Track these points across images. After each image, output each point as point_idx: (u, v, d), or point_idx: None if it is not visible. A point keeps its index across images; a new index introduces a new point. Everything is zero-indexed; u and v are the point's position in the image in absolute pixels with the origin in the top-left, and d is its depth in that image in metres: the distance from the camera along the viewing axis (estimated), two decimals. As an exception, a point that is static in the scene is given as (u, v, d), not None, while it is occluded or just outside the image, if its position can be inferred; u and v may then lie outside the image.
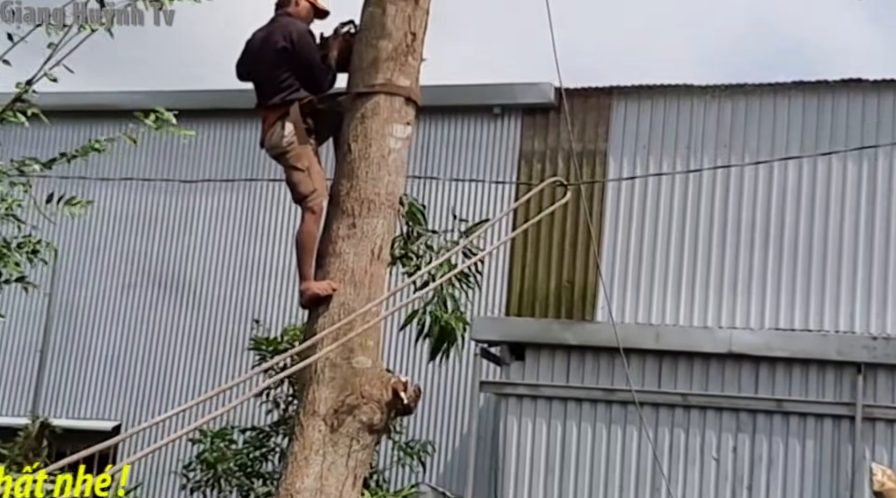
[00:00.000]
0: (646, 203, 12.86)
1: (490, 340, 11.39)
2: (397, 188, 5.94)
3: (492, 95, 13.37)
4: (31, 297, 14.82)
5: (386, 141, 5.88)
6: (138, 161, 14.76)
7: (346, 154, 5.89)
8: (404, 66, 5.97)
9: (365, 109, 5.89)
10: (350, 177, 5.85)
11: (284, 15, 6.33)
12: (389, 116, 5.90)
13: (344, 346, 5.67)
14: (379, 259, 5.83)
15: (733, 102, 12.79)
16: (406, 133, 5.97)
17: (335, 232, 5.82)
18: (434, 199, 12.71)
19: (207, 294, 14.25)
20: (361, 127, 5.88)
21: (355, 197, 5.81)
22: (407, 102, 5.95)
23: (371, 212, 5.81)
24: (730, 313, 12.36)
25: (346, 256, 5.78)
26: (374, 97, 5.88)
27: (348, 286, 5.73)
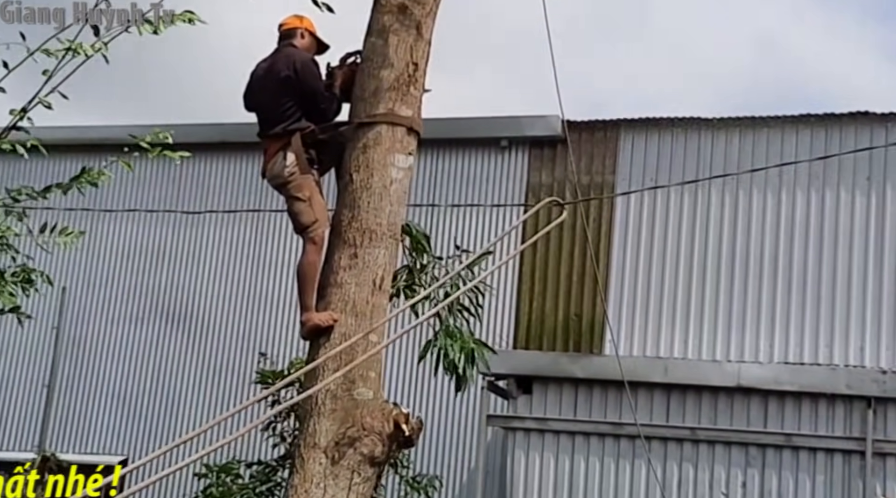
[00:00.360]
0: (653, 235, 12.82)
1: (497, 373, 11.30)
2: (399, 218, 5.92)
3: (499, 128, 13.38)
4: (38, 331, 14.93)
5: (388, 171, 5.87)
6: (146, 195, 14.80)
7: (347, 184, 5.88)
8: (406, 96, 5.96)
9: (367, 139, 5.88)
10: (352, 207, 5.83)
11: (288, 46, 6.34)
12: (391, 146, 5.89)
13: (345, 377, 5.64)
14: (381, 289, 5.80)
15: (741, 135, 12.77)
16: (408, 163, 5.96)
17: (336, 262, 5.80)
18: (441, 230, 12.68)
19: (215, 327, 14.22)
20: (363, 157, 5.87)
21: (357, 227, 5.79)
22: (409, 132, 5.94)
23: (373, 242, 5.79)
24: (738, 347, 12.28)
25: (347, 286, 5.76)
26: (376, 127, 5.88)
27: (350, 317, 5.70)
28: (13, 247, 6.41)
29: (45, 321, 14.92)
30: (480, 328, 12.69)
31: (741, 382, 10.70)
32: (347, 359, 5.64)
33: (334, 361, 5.66)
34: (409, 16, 6.02)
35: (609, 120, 13.14)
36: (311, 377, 5.72)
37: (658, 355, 12.28)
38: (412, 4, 6.03)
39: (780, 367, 11.47)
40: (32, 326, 14.96)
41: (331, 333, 5.67)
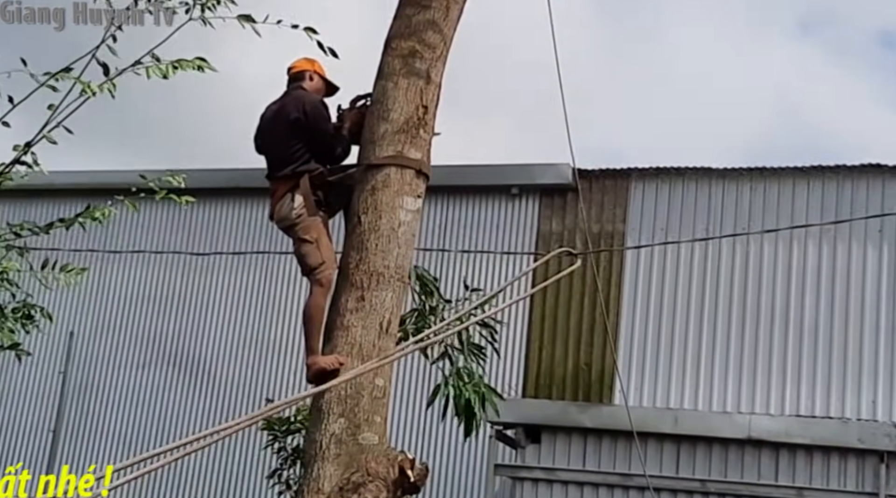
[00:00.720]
0: (664, 285, 12.75)
1: (505, 422, 11.19)
2: (407, 261, 5.89)
3: (510, 175, 13.36)
4: (45, 375, 14.88)
5: (396, 213, 5.85)
6: (154, 239, 14.80)
7: (355, 226, 5.86)
8: (415, 138, 5.95)
9: (375, 181, 5.86)
10: (359, 249, 5.80)
11: (298, 88, 6.35)
12: (400, 189, 5.87)
13: (350, 421, 5.57)
14: (388, 333, 5.75)
15: (752, 186, 12.73)
16: (416, 206, 5.93)
17: (343, 305, 5.76)
18: (451, 276, 12.61)
19: (221, 372, 14.14)
20: (372, 199, 5.85)
21: (364, 269, 5.76)
22: (418, 175, 5.93)
23: (380, 285, 5.75)
24: (749, 398, 12.15)
25: (354, 329, 5.71)
26: (385, 169, 5.87)
27: (356, 360, 5.65)
28: (14, 283, 6.35)
29: (51, 365, 14.88)
30: (490, 376, 12.65)
31: (752, 435, 10.57)
32: (353, 402, 5.59)
33: (339, 405, 5.61)
34: (420, 59, 6.03)
35: (620, 169, 13.11)
36: (316, 422, 5.66)
37: (668, 406, 12.17)
38: (422, 48, 6.04)
39: (791, 419, 11.35)
40: (39, 369, 14.95)
41: (337, 376, 5.62)
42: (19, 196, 14.61)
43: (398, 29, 6.12)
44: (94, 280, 14.93)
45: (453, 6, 6.19)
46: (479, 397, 6.70)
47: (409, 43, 6.05)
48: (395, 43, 6.08)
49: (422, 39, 6.05)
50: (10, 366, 15.00)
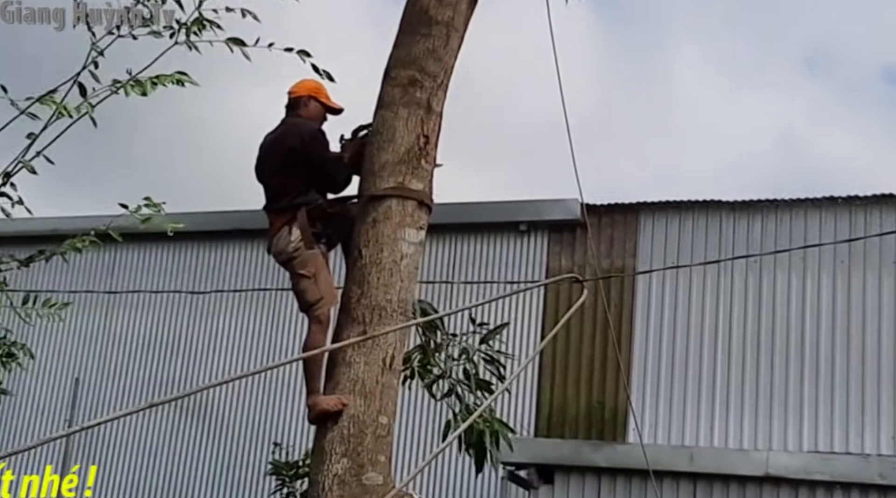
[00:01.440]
0: (676, 320, 12.54)
1: (517, 462, 10.98)
2: (410, 295, 5.72)
3: (518, 212, 13.22)
4: (50, 422, 14.69)
5: (398, 246, 5.68)
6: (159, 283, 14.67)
7: (356, 260, 5.69)
8: (417, 169, 5.80)
9: (376, 214, 5.71)
10: (361, 283, 5.64)
11: (295, 116, 6.20)
12: (401, 221, 5.71)
13: (353, 461, 5.39)
14: (391, 369, 5.57)
15: (763, 218, 12.55)
16: (419, 238, 5.77)
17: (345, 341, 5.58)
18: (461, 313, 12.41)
19: (228, 417, 13.95)
20: (373, 231, 5.69)
21: (366, 304, 5.59)
22: (420, 206, 5.76)
23: (382, 319, 5.57)
24: (766, 434, 11.90)
25: (356, 365, 5.53)
26: (386, 201, 5.71)
27: (358, 398, 5.46)
28: None
29: (57, 412, 14.71)
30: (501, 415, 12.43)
31: (770, 472, 10.33)
32: (355, 442, 5.41)
33: (342, 444, 5.42)
34: (420, 89, 5.89)
35: (628, 203, 12.95)
36: (319, 463, 5.47)
37: (683, 443, 11.92)
38: (423, 77, 5.90)
39: (809, 456, 11.10)
40: (45, 417, 14.79)
41: (339, 416, 5.43)
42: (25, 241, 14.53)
43: (397, 58, 5.98)
44: (98, 325, 14.82)
45: (453, 35, 6.05)
46: (492, 432, 6.49)
47: (408, 72, 5.91)
48: (395, 72, 5.94)
49: (422, 68, 5.91)
50: (18, 413, 14.85)
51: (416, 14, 6.04)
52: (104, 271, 14.96)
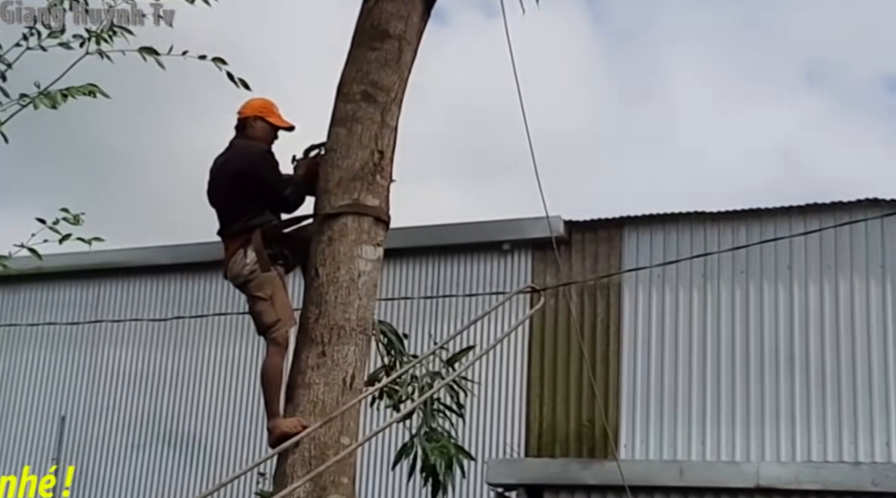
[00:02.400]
0: (664, 334, 12.41)
1: (505, 483, 10.86)
2: (369, 313, 5.62)
3: (500, 231, 13.10)
4: (37, 462, 14.53)
5: (355, 263, 5.60)
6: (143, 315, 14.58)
7: (313, 279, 5.61)
8: (372, 185, 5.72)
9: (332, 232, 5.63)
10: (318, 303, 5.55)
11: (242, 137, 6.11)
12: (358, 238, 5.63)
13: (315, 484, 5.29)
14: (351, 389, 5.47)
15: (747, 227, 12.43)
16: (377, 254, 5.68)
17: (304, 362, 5.49)
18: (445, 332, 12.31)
19: (215, 449, 13.81)
20: (329, 250, 5.61)
21: (324, 324, 5.50)
22: (376, 222, 5.68)
23: (341, 339, 5.49)
24: (757, 446, 11.74)
25: (315, 387, 5.44)
26: (342, 218, 5.63)
27: (319, 419, 5.36)
28: None
29: (44, 452, 14.56)
30: (491, 437, 12.32)
31: (761, 483, 10.20)
32: (317, 464, 5.30)
33: (304, 467, 5.32)
34: (374, 103, 5.82)
35: (612, 218, 12.84)
36: (281, 486, 5.36)
37: (674, 458, 11.77)
38: (376, 92, 5.83)
39: (801, 466, 10.93)
40: (32, 457, 14.64)
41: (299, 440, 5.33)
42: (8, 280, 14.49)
43: (350, 73, 5.91)
44: (83, 361, 14.71)
45: (406, 48, 5.99)
46: (446, 459, 6.36)
47: (361, 87, 5.84)
48: (347, 88, 5.88)
49: (374, 82, 5.85)
50: (3, 452, 14.72)
51: (368, 28, 5.98)
52: (88, 306, 14.87)
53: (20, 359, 15.07)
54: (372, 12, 5.96)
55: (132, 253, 14.46)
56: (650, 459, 11.80)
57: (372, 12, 5.96)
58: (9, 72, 4.85)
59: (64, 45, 4.99)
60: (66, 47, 4.99)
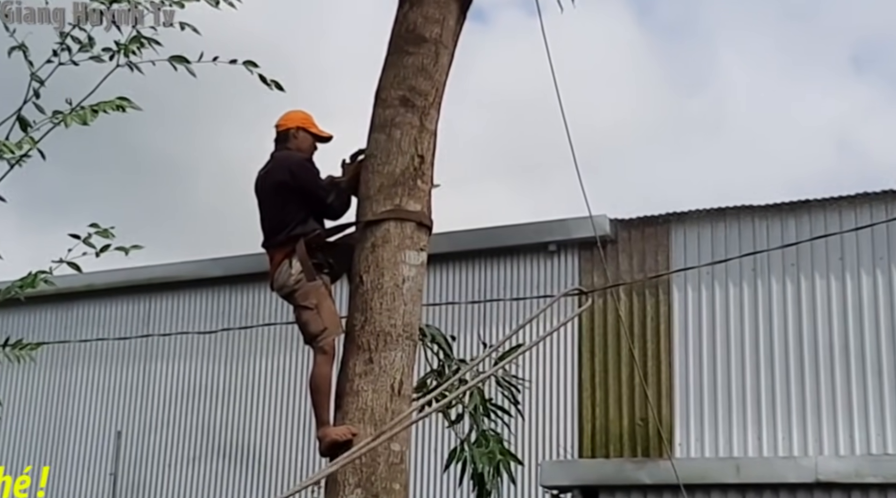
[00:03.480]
0: (715, 330, 12.29)
1: (560, 485, 10.77)
2: (415, 318, 5.60)
3: (546, 232, 13.05)
4: (95, 478, 14.67)
5: (399, 269, 5.59)
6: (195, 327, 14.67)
7: (358, 286, 5.60)
8: (413, 190, 5.70)
9: (375, 238, 5.62)
10: (363, 310, 5.54)
11: (283, 149, 6.13)
12: (401, 243, 5.62)
13: (367, 491, 5.27)
14: (400, 395, 5.45)
15: (797, 220, 12.29)
16: (420, 259, 5.66)
17: (352, 369, 5.48)
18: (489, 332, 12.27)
19: (268, 459, 13.85)
20: (372, 256, 5.60)
21: (370, 330, 5.49)
22: (419, 227, 5.67)
23: (388, 345, 5.47)
24: (815, 440, 11.60)
25: (364, 394, 5.43)
26: (384, 225, 5.62)
27: (368, 426, 5.35)
28: None
29: (101, 467, 14.70)
30: (543, 439, 12.26)
31: (819, 478, 10.01)
32: (369, 471, 5.29)
33: (355, 475, 5.31)
34: (412, 108, 5.81)
35: (659, 215, 12.74)
36: (333, 495, 5.36)
37: (731, 455, 11.66)
38: (414, 96, 5.82)
39: (861, 459, 10.75)
40: (89, 472, 14.79)
41: (350, 446, 5.32)
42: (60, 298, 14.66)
43: (387, 79, 5.91)
44: (137, 377, 14.82)
45: (443, 52, 5.97)
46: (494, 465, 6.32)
47: (399, 92, 5.83)
48: (385, 93, 5.87)
49: (412, 87, 5.83)
50: (61, 471, 14.87)
51: (404, 33, 5.97)
52: (138, 321, 15.00)
53: (74, 375, 15.22)
54: (407, 17, 5.95)
55: (181, 267, 14.56)
56: (706, 457, 11.68)
57: (407, 17, 5.95)
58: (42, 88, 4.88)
59: (95, 58, 5.02)
60: (98, 61, 5.01)
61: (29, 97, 4.90)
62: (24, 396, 15.08)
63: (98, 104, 4.86)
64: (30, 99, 4.89)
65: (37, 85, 4.91)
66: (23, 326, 15.09)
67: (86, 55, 5.00)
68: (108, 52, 5.02)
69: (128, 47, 4.98)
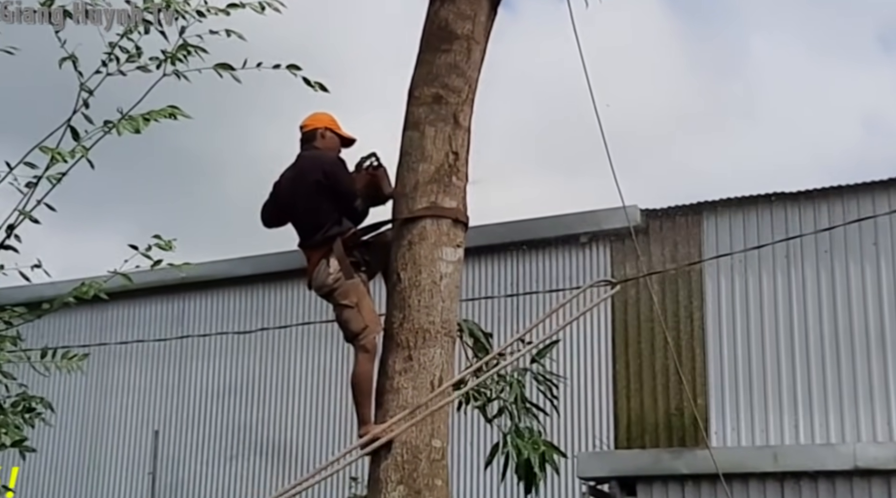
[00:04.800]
0: (749, 319, 12.25)
1: (597, 476, 10.78)
2: (453, 314, 5.64)
3: (577, 224, 13.01)
4: (134, 478, 14.79)
5: (436, 266, 5.62)
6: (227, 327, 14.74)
7: (395, 284, 5.64)
8: (449, 186, 5.74)
9: (411, 236, 5.65)
10: (402, 307, 5.58)
11: (312, 148, 6.15)
12: (437, 240, 5.65)
13: (410, 488, 5.31)
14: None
15: (829, 206, 12.22)
16: (457, 256, 5.70)
17: (391, 367, 5.52)
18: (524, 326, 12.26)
19: (305, 457, 13.89)
20: (409, 254, 5.64)
21: (409, 328, 5.53)
22: (455, 224, 5.70)
23: (427, 342, 5.51)
24: (852, 427, 11.54)
25: (404, 391, 5.47)
26: (420, 222, 5.65)
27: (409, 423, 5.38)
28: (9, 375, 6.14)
29: (139, 467, 14.80)
30: (578, 431, 12.26)
31: (858, 465, 9.98)
32: (410, 468, 5.32)
33: (397, 471, 5.35)
34: (445, 105, 5.83)
35: (690, 204, 12.70)
36: (375, 492, 5.39)
37: (767, 443, 11.62)
38: (447, 93, 5.85)
39: (899, 444, 10.73)
40: (128, 472, 14.90)
41: (391, 443, 5.36)
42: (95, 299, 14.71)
43: (420, 76, 5.93)
44: (173, 376, 14.91)
45: (475, 48, 5.99)
46: (539, 455, 6.35)
47: (432, 89, 5.86)
48: (418, 91, 5.90)
49: (445, 84, 5.86)
50: (100, 471, 14.99)
51: (436, 30, 5.99)
52: (174, 321, 15.08)
53: (112, 377, 15.32)
54: (439, 14, 5.98)
55: (215, 266, 14.59)
56: (742, 446, 11.65)
57: (439, 14, 5.98)
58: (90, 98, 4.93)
59: (142, 68, 5.06)
60: (145, 71, 5.05)
61: (78, 107, 4.96)
62: (63, 398, 15.17)
63: (150, 113, 4.92)
64: (79, 109, 4.95)
65: (86, 95, 4.96)
66: (57, 329, 15.21)
67: (133, 65, 5.04)
68: (154, 62, 5.06)
69: (175, 56, 5.02)
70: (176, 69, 5.07)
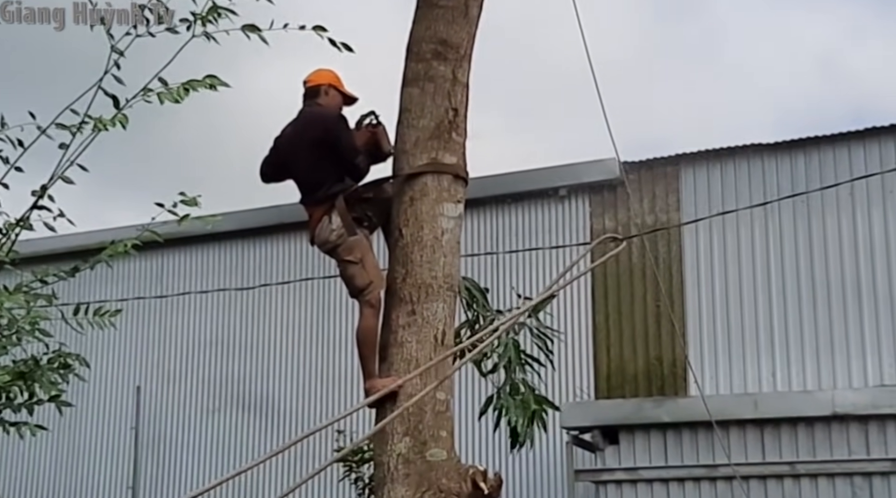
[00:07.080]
0: (726, 269, 12.42)
1: (580, 426, 10.96)
2: (455, 269, 5.71)
3: (556, 177, 13.10)
4: (117, 432, 14.85)
5: (438, 222, 5.68)
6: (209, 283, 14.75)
7: (397, 240, 5.69)
8: (448, 142, 5.78)
9: (413, 192, 5.70)
10: (404, 263, 5.64)
11: (314, 105, 6.16)
12: (438, 196, 5.70)
13: (415, 439, 5.40)
14: (443, 345, 5.57)
15: (806, 157, 12.38)
16: (458, 211, 5.76)
17: (395, 321, 5.59)
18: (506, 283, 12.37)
19: (290, 410, 14.00)
20: (411, 210, 5.69)
21: (412, 283, 5.59)
22: (455, 180, 5.75)
23: (430, 297, 5.58)
24: (829, 373, 11.78)
25: (408, 345, 5.54)
26: (421, 178, 5.70)
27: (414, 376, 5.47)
28: (46, 332, 6.21)
29: (122, 422, 14.86)
30: (559, 382, 12.41)
31: (836, 410, 10.21)
32: (416, 420, 5.41)
33: (403, 424, 5.43)
34: (444, 61, 5.86)
35: (668, 156, 12.82)
36: (382, 444, 5.48)
37: (746, 391, 11.83)
38: (445, 49, 5.87)
39: (876, 390, 10.95)
40: (111, 428, 14.95)
41: (397, 396, 5.44)
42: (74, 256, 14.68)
43: (418, 33, 5.95)
44: (153, 332, 14.93)
45: (472, 3, 6.00)
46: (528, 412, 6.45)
47: (430, 46, 5.88)
48: (417, 47, 5.91)
49: (443, 41, 5.88)
50: (83, 428, 15.02)
51: (433, -13, 5.99)
52: (153, 278, 15.07)
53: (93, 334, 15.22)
54: (436, -30, 5.97)
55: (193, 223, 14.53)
56: (721, 394, 11.86)
57: (436, -30, 5.97)
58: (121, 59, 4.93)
59: (171, 30, 5.07)
60: (174, 32, 5.06)
61: (109, 68, 4.96)
62: (44, 355, 15.17)
63: (189, 82, 4.93)
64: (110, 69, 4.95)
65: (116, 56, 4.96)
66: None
67: (162, 27, 5.05)
68: (185, 23, 5.06)
69: (205, 17, 5.03)
70: (206, 30, 5.08)
